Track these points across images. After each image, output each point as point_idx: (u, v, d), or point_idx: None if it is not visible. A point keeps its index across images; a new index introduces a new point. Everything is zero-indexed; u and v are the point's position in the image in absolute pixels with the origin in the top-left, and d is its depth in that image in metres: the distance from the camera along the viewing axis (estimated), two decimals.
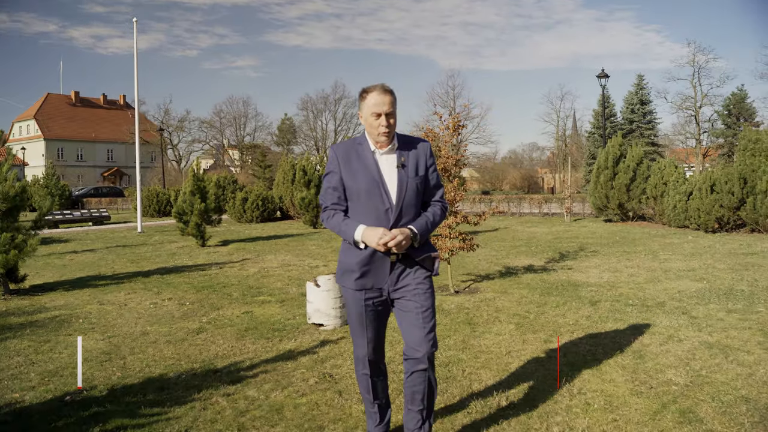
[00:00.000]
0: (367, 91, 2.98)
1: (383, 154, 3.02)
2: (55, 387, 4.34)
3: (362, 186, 2.96)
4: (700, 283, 7.77)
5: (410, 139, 3.12)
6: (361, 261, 2.98)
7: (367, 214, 2.96)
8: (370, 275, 3.00)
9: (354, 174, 2.98)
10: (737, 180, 13.77)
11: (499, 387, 4.12)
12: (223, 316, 6.52)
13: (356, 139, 3.10)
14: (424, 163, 3.06)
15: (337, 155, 3.04)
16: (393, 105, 2.96)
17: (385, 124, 2.93)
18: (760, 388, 3.99)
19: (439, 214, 3.07)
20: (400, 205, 2.95)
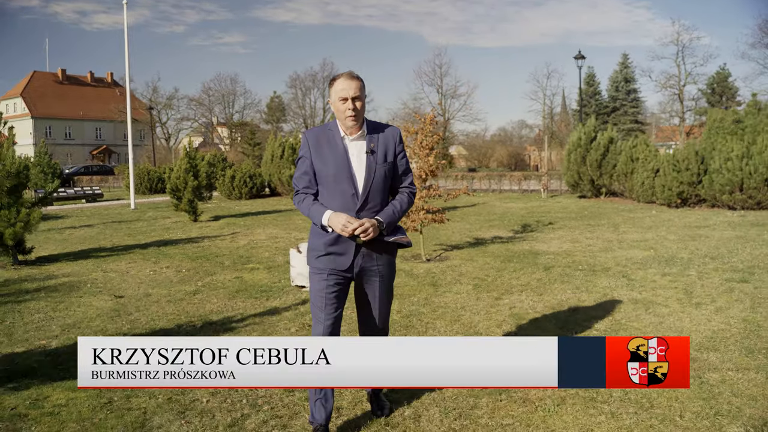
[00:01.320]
0: (335, 78, 3.13)
1: (353, 140, 3.14)
2: (75, 335, 5.11)
3: (331, 171, 3.10)
4: (648, 252, 8.62)
5: (380, 126, 3.24)
6: (327, 243, 3.11)
7: (334, 199, 3.10)
8: (334, 257, 3.12)
9: (324, 159, 3.12)
10: (694, 158, 14.62)
11: (449, 332, 4.95)
12: (216, 281, 7.30)
13: (327, 125, 3.23)
14: (393, 150, 3.19)
15: (308, 141, 3.18)
16: (360, 90, 3.08)
17: (351, 107, 3.05)
18: (664, 332, 4.82)
19: (406, 201, 3.21)
20: (367, 190, 3.09)
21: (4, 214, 8.76)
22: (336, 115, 3.14)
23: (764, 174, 13.64)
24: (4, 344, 4.92)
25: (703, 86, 53.58)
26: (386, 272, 3.22)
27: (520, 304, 5.83)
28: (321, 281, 3.14)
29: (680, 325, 5.02)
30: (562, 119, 61.65)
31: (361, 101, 3.08)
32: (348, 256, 3.11)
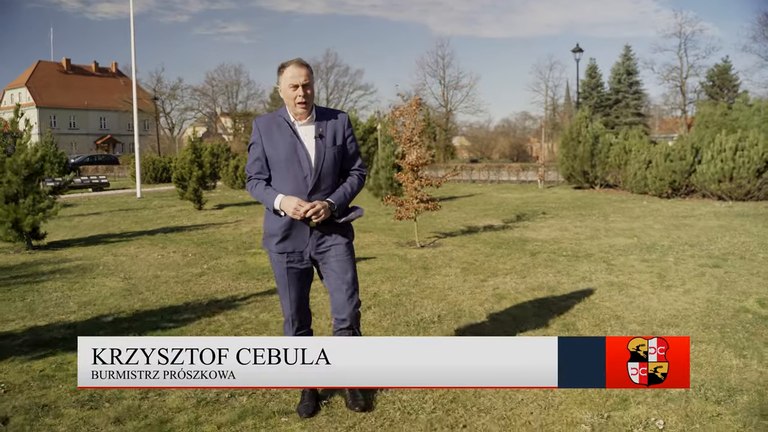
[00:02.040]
0: (284, 65, 3.20)
1: (302, 125, 3.23)
2: (91, 311, 5.57)
3: (282, 155, 3.20)
4: (631, 239, 9.04)
5: (328, 111, 3.34)
6: (282, 226, 3.21)
7: (286, 182, 3.20)
8: (290, 240, 3.23)
9: (274, 144, 3.22)
10: (689, 149, 15.01)
11: (435, 310, 5.39)
12: (220, 264, 7.75)
13: (278, 111, 3.31)
14: (342, 134, 3.29)
15: (258, 127, 3.28)
16: (309, 77, 3.18)
17: (302, 95, 3.15)
18: (633, 311, 5.25)
19: (356, 183, 3.33)
20: (317, 173, 3.19)
21: (22, 203, 9.22)
22: (286, 102, 3.23)
23: (756, 164, 14.02)
24: (27, 318, 5.37)
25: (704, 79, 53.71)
26: (343, 251, 3.28)
27: (503, 285, 6.27)
28: (281, 265, 3.27)
29: (648, 304, 5.45)
30: (566, 111, 61.89)
31: (310, 88, 3.18)
32: (303, 238, 3.22)
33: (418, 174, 8.85)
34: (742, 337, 4.46)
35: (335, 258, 3.27)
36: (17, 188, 9.37)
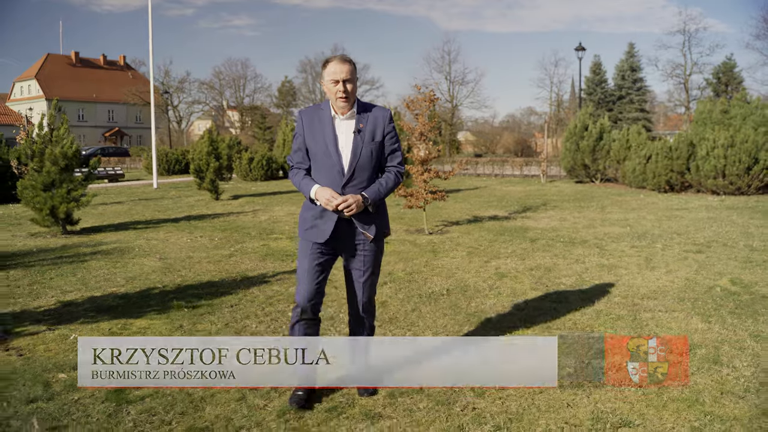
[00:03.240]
0: (328, 60, 3.30)
1: (343, 120, 3.32)
2: (138, 285, 6.28)
3: (320, 148, 3.31)
4: (625, 228, 9.72)
5: (370, 107, 3.40)
6: (313, 215, 3.35)
7: (322, 174, 3.31)
8: (316, 229, 3.33)
9: (314, 137, 3.33)
10: (686, 146, 15.65)
11: (444, 285, 6.09)
12: (246, 247, 8.46)
13: (320, 105, 3.42)
14: (382, 130, 3.35)
15: (302, 119, 3.39)
16: (351, 73, 3.25)
17: (342, 89, 3.24)
18: (618, 287, 5.94)
19: (392, 179, 3.39)
20: (352, 167, 3.28)
21: (58, 191, 9.94)
22: (328, 96, 3.34)
23: (746, 162, 14.67)
24: (83, 290, 6.09)
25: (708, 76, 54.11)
26: (369, 250, 3.40)
27: (504, 266, 6.97)
28: (306, 250, 3.37)
29: (632, 282, 6.14)
30: (571, 107, 62.39)
31: (352, 84, 3.25)
32: (327, 230, 3.30)
33: (426, 167, 9.54)
34: (710, 308, 5.15)
35: (361, 257, 3.39)
36: (54, 177, 10.10)
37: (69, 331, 4.72)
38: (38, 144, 10.18)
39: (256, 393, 3.52)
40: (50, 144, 10.23)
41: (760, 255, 7.38)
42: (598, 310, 5.15)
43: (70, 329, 4.76)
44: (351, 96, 3.28)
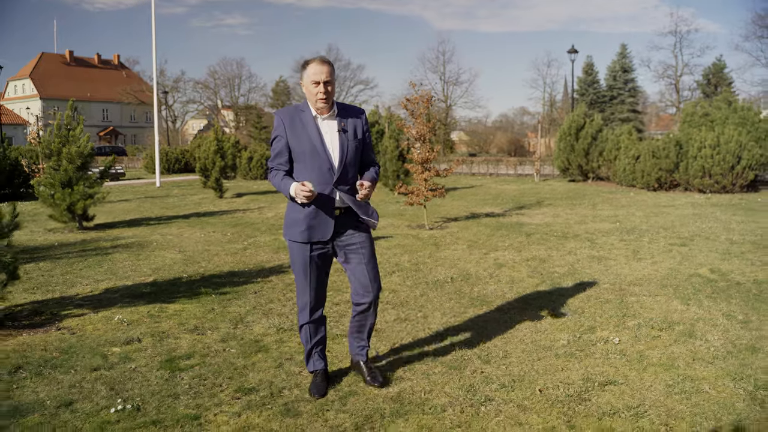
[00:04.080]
0: (308, 62, 3.36)
1: (324, 120, 3.40)
2: (165, 275, 6.79)
3: (306, 148, 3.36)
4: (615, 224, 10.28)
5: (348, 107, 3.52)
6: (308, 215, 3.37)
7: (312, 173, 3.35)
8: (315, 229, 3.38)
9: (299, 137, 3.37)
10: (673, 146, 16.25)
11: (447, 273, 6.63)
12: (259, 241, 8.97)
13: (298, 106, 3.48)
14: (362, 129, 3.49)
15: (282, 120, 3.42)
16: (331, 74, 3.32)
17: (323, 91, 3.31)
18: (607, 275, 6.49)
19: (377, 172, 3.58)
20: (342, 164, 3.38)
21: (75, 189, 10.42)
22: (307, 97, 3.40)
23: (730, 162, 15.29)
24: (114, 279, 6.59)
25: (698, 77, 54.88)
26: (365, 239, 3.52)
27: (503, 257, 7.51)
28: (304, 253, 3.44)
29: (620, 271, 6.69)
30: (563, 107, 63.02)
31: (331, 85, 3.33)
32: (328, 228, 3.39)
33: (426, 167, 10.07)
34: (690, 293, 5.71)
35: (358, 247, 3.48)
36: (71, 175, 10.57)
37: (111, 313, 5.22)
38: (56, 144, 10.64)
39: (291, 362, 4.04)
40: (67, 143, 10.70)
41: (738, 247, 7.95)
42: (589, 294, 5.69)
43: (111, 312, 5.26)
44: (330, 97, 3.37)
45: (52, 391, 3.58)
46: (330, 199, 3.37)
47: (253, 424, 3.15)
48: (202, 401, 3.44)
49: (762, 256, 7.39)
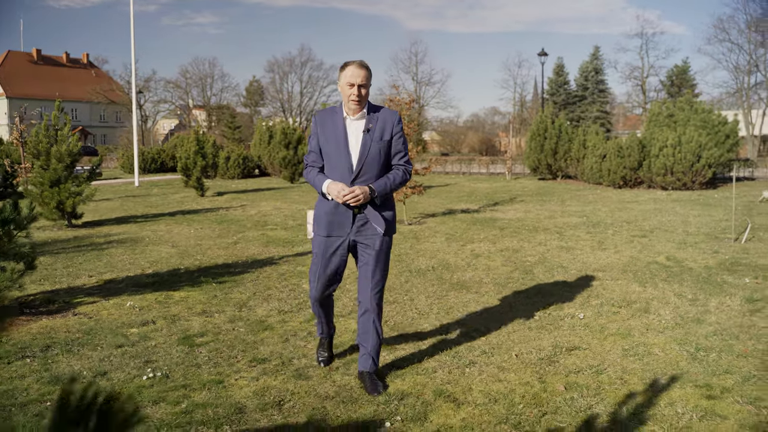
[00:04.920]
0: (347, 64, 3.50)
1: (354, 121, 3.55)
2: (163, 267, 7.22)
3: (332, 146, 3.55)
4: (581, 218, 10.96)
5: (380, 109, 3.62)
6: (328, 211, 3.56)
7: (334, 171, 3.55)
8: (335, 224, 3.55)
9: (327, 136, 3.58)
10: (637, 145, 17.08)
11: (429, 263, 7.18)
12: (247, 236, 9.43)
13: (334, 107, 3.64)
14: (390, 130, 3.56)
15: (317, 121, 3.64)
16: (366, 78, 3.48)
17: (356, 94, 3.45)
18: (574, 263, 7.11)
19: (400, 175, 3.58)
20: (360, 164, 3.49)
21: (64, 187, 10.74)
22: (342, 98, 3.55)
23: (690, 161, 16.15)
24: (115, 271, 7.00)
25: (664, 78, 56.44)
26: (380, 243, 3.60)
27: (479, 248, 8.10)
28: (322, 244, 3.62)
29: (586, 259, 7.32)
30: (534, 107, 64.17)
31: (366, 89, 3.49)
32: (346, 224, 3.54)
33: None
34: (647, 277, 6.35)
35: (371, 248, 3.59)
36: (60, 174, 10.89)
37: (121, 300, 5.66)
38: (44, 143, 10.95)
39: (296, 337, 4.55)
40: (56, 143, 11.01)
41: (693, 238, 8.66)
42: (557, 279, 6.30)
43: (121, 300, 5.70)
44: (363, 99, 3.52)
45: (85, 364, 4.03)
46: None
47: (270, 386, 3.65)
48: (222, 369, 3.93)
49: (713, 245, 8.09)
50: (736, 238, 8.48)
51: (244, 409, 3.35)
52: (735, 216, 9.47)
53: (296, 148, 20.98)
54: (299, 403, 3.42)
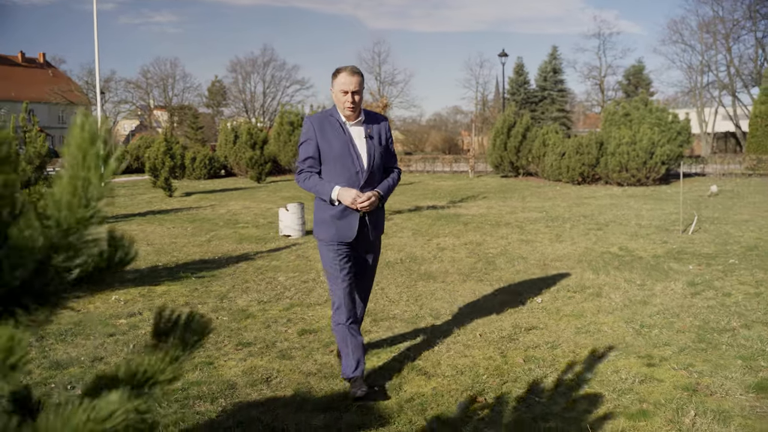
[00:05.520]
0: (339, 70, 3.49)
1: (352, 126, 3.56)
2: (141, 264, 7.46)
3: (336, 152, 3.50)
4: (541, 213, 11.50)
5: (374, 115, 3.69)
6: (335, 216, 3.51)
7: (340, 176, 3.49)
8: (341, 229, 3.52)
9: (329, 141, 3.51)
10: (594, 143, 17.79)
11: (397, 256, 7.58)
12: (220, 234, 9.69)
13: (327, 111, 3.63)
14: (385, 136, 3.68)
15: (313, 125, 3.56)
16: (359, 84, 3.49)
17: (350, 100, 3.46)
18: (533, 254, 7.58)
19: (396, 178, 3.73)
20: (370, 169, 3.52)
21: (33, 189, 10.83)
22: (336, 104, 3.56)
23: (643, 158, 16.90)
24: None
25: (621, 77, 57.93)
26: (378, 245, 3.81)
27: (444, 242, 8.53)
28: (332, 251, 3.56)
29: (545, 250, 7.80)
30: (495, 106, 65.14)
31: (359, 95, 3.50)
32: (353, 229, 3.53)
33: None
34: (600, 266, 6.85)
35: (372, 252, 3.76)
36: (30, 176, 10.97)
37: (106, 295, 5.91)
38: None
39: (277, 324, 4.89)
40: (25, 144, 11.08)
41: (644, 230, 9.24)
42: (518, 269, 6.76)
43: (106, 294, 5.95)
44: (358, 106, 3.55)
45: (81, 352, 4.31)
46: None
47: (258, 366, 3.99)
48: (211, 353, 4.25)
49: (662, 236, 8.67)
50: (684, 230, 9.09)
51: (235, 386, 3.68)
52: (683, 209, 10.09)
53: (262, 149, 21.17)
54: (285, 379, 3.77)
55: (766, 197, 13.80)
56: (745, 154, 23.73)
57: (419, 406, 3.36)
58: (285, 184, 20.35)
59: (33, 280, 1.10)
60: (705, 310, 5.05)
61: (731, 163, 21.71)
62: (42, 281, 1.11)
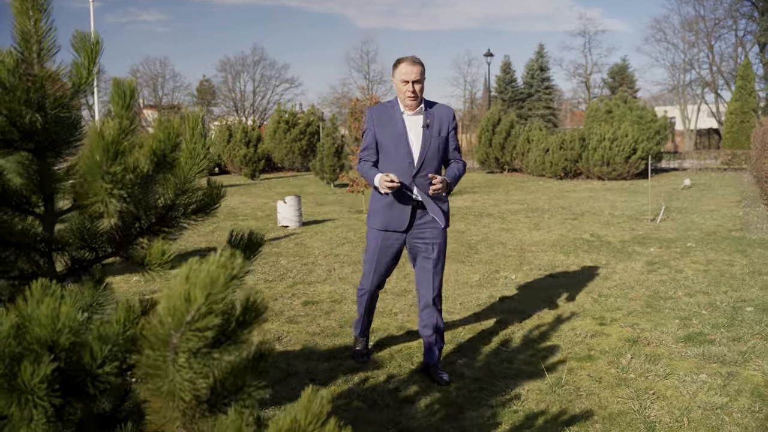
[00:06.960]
0: (400, 60, 3.51)
1: (411, 116, 3.55)
2: None
3: (390, 141, 3.53)
4: (522, 205, 12.23)
5: (438, 105, 3.64)
6: (386, 205, 3.54)
7: (393, 165, 3.52)
8: (392, 218, 3.54)
9: (385, 131, 3.55)
10: (577, 139, 18.56)
11: None
12: (222, 226, 10.34)
13: (389, 102, 3.66)
14: (447, 126, 3.59)
15: (372, 115, 3.62)
16: (420, 74, 3.47)
17: (411, 90, 3.46)
18: (512, 240, 8.30)
19: (462, 168, 3.68)
20: (422, 159, 3.49)
21: None
22: (397, 94, 3.58)
23: (625, 153, 17.69)
24: None
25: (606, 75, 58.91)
26: (438, 237, 3.63)
27: None
28: (378, 239, 3.63)
29: (523, 237, 8.52)
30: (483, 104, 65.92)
31: (420, 84, 3.50)
32: (404, 218, 3.54)
33: None
34: (571, 249, 7.58)
35: (429, 243, 3.62)
36: None
37: (126, 277, 6.57)
38: None
39: (283, 298, 5.57)
40: None
41: (616, 219, 10.00)
42: (497, 252, 7.47)
43: (125, 276, 6.61)
44: (419, 95, 3.53)
45: None
46: (408, 191, 3.53)
47: (269, 329, 4.68)
48: None
49: (632, 224, 9.42)
50: (653, 219, 9.84)
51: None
52: (653, 200, 10.85)
53: (256, 146, 21.79)
54: (294, 338, 4.46)
55: (736, 189, 14.62)
56: (721, 149, 24.64)
57: (407, 356, 4.07)
58: (279, 180, 20.99)
59: (169, 210, 1.80)
60: (657, 284, 5.79)
61: (708, 158, 22.58)
62: (174, 213, 1.82)
